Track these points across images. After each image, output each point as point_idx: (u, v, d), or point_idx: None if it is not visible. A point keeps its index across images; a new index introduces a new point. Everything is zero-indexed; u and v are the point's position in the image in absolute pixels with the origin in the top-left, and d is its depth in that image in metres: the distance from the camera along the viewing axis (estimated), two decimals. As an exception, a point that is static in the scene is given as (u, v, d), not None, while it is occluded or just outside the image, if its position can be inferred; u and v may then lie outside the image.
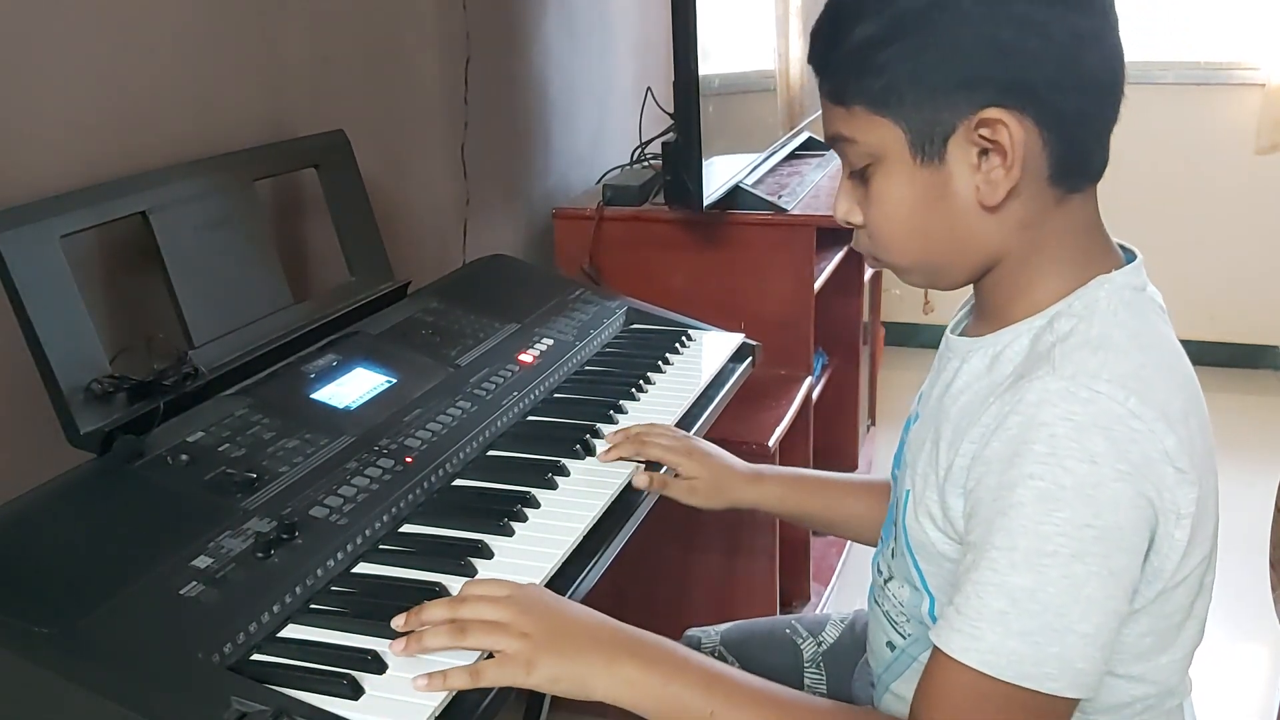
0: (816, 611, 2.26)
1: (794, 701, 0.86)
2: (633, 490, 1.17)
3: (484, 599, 0.86)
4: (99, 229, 1.11)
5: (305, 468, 1.05)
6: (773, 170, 2.41)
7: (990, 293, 0.88)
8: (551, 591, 0.92)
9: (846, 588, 2.44)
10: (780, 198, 2.13)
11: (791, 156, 2.57)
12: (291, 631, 0.88)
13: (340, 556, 0.96)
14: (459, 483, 1.14)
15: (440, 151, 1.89)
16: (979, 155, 0.81)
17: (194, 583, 0.86)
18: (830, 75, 0.85)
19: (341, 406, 1.17)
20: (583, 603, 0.93)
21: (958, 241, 0.85)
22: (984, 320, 0.90)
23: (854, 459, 2.79)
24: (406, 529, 1.05)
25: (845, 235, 2.22)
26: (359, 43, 1.66)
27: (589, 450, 1.21)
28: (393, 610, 0.86)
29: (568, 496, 1.12)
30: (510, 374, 1.33)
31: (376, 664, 0.83)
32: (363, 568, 0.98)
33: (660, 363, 1.47)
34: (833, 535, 1.61)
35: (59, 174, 1.14)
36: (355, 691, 0.80)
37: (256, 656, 0.84)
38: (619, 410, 1.32)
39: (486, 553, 1.00)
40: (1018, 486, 0.75)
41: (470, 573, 0.97)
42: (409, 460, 1.10)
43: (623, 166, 2.32)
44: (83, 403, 1.01)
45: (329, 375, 1.21)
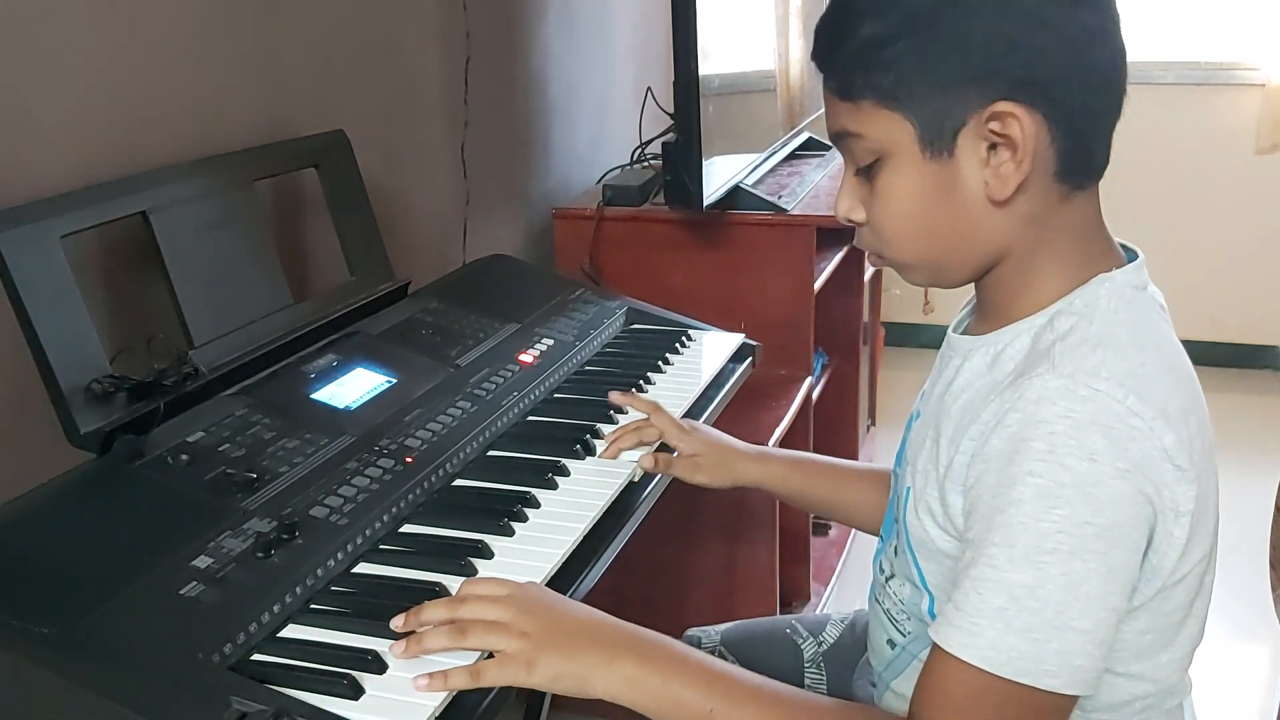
0: (816, 611, 2.26)
1: (794, 699, 0.86)
2: (633, 490, 1.17)
3: (483, 599, 0.86)
4: (99, 229, 1.11)
5: (305, 468, 1.05)
6: (773, 170, 2.41)
7: (992, 291, 0.89)
8: (551, 590, 0.92)
9: (846, 587, 2.44)
10: (780, 198, 2.13)
11: (791, 156, 2.58)
12: (292, 631, 0.88)
13: (340, 556, 0.96)
14: (459, 483, 1.14)
15: (440, 151, 1.89)
16: (988, 150, 0.81)
17: (194, 583, 0.86)
18: (838, 70, 0.85)
19: (341, 406, 1.17)
20: (583, 602, 0.93)
21: (964, 237, 0.85)
22: (985, 319, 0.90)
23: (854, 459, 2.79)
24: (407, 529, 1.05)
25: (845, 235, 2.23)
26: (359, 43, 1.66)
27: (589, 450, 1.21)
28: (393, 610, 0.86)
29: (568, 496, 1.12)
30: (510, 374, 1.33)
31: (376, 664, 0.83)
32: (363, 568, 0.98)
33: (660, 363, 1.47)
34: (835, 521, 1.61)
35: (59, 174, 1.14)
36: (355, 691, 0.80)
37: (257, 656, 0.84)
38: (619, 410, 1.32)
39: (486, 553, 1.00)
40: (1017, 484, 0.75)
41: (470, 573, 0.97)
42: (409, 460, 1.10)
43: (623, 166, 2.32)
44: (83, 403, 1.00)
45: (329, 375, 1.21)
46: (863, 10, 0.83)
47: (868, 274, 2.68)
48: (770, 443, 1.89)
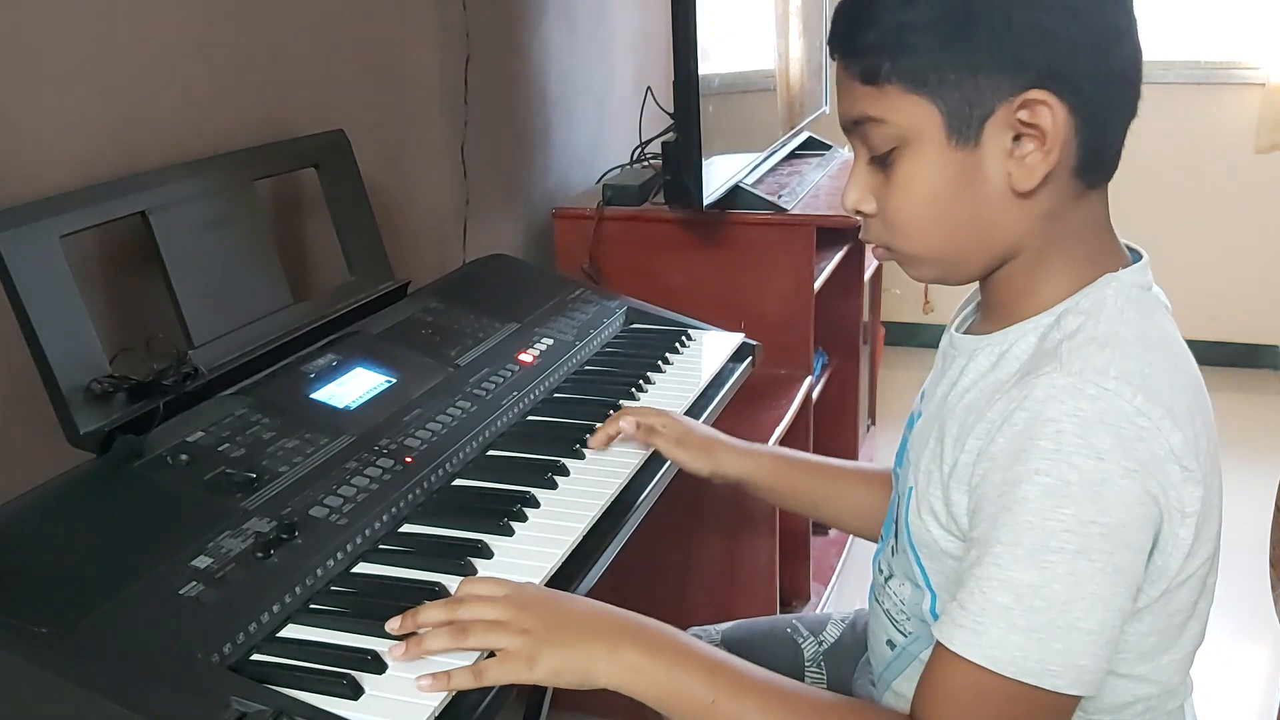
0: (817, 611, 2.26)
1: (796, 692, 0.86)
2: (633, 490, 1.17)
3: (482, 599, 0.86)
4: (99, 229, 1.11)
5: (305, 468, 1.05)
6: (773, 170, 2.41)
7: (999, 289, 0.88)
8: (549, 587, 0.92)
9: (847, 587, 2.44)
10: (780, 197, 2.12)
11: (791, 156, 2.57)
12: (291, 631, 0.88)
13: (340, 556, 0.96)
14: (459, 482, 1.14)
15: (440, 151, 1.89)
16: (1013, 140, 0.80)
17: (194, 583, 0.86)
18: (862, 53, 0.83)
19: (341, 406, 1.17)
20: (583, 600, 0.93)
21: (981, 229, 0.84)
22: (991, 318, 0.90)
23: (854, 459, 2.79)
24: (406, 529, 1.04)
25: (845, 235, 2.23)
26: (359, 43, 1.66)
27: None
28: (393, 610, 0.86)
29: (568, 496, 1.12)
30: (510, 374, 1.33)
31: (376, 664, 0.83)
32: (362, 568, 0.98)
33: (660, 362, 1.47)
34: (825, 523, 1.60)
35: (59, 174, 1.14)
36: (355, 691, 0.80)
37: (256, 656, 0.84)
38: (619, 410, 1.31)
39: (486, 553, 1.00)
40: (1023, 482, 0.75)
41: (470, 572, 0.96)
42: (409, 460, 1.10)
43: (623, 166, 2.32)
44: (82, 403, 1.00)
45: (329, 375, 1.21)
46: None
47: (868, 273, 2.68)
48: (770, 442, 1.89)
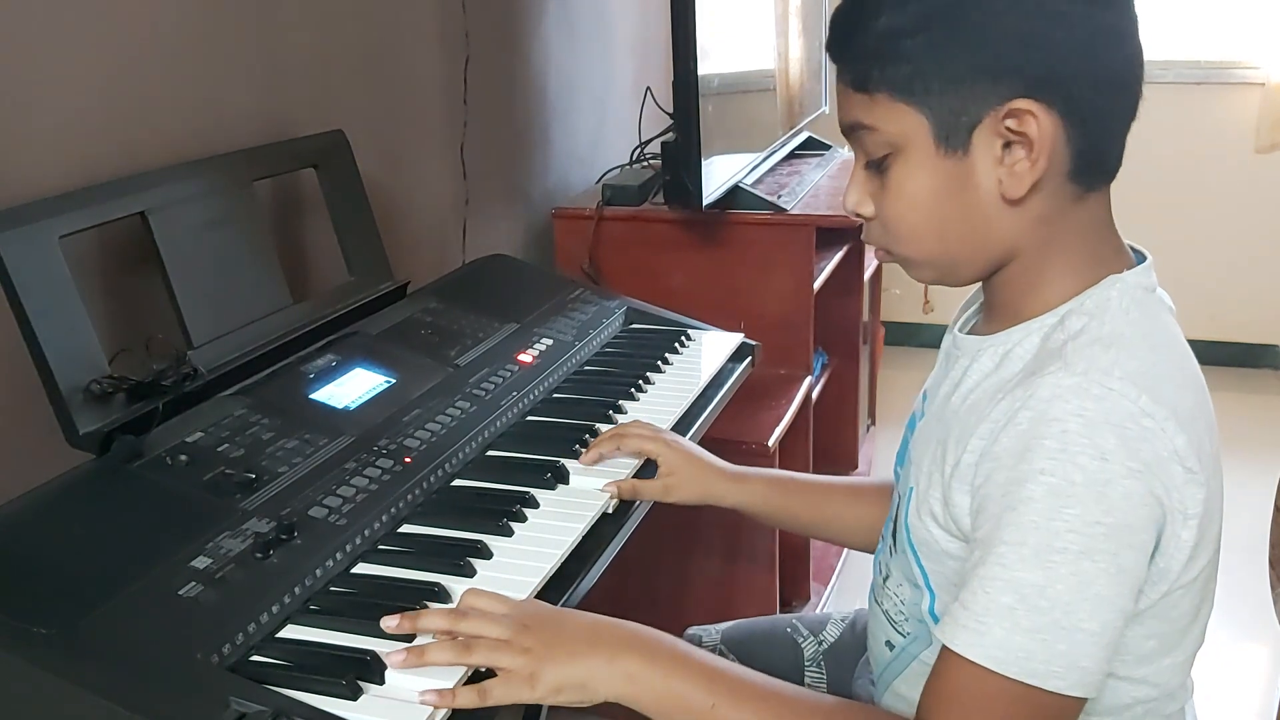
0: (817, 611, 2.26)
1: (796, 697, 0.86)
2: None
3: (485, 616, 0.85)
4: (98, 229, 1.11)
5: (304, 468, 1.05)
6: (772, 170, 2.41)
7: (1001, 290, 0.88)
8: (549, 604, 0.92)
9: (846, 588, 2.44)
10: (780, 197, 2.12)
11: (791, 156, 2.57)
12: (290, 632, 0.88)
13: (339, 557, 0.96)
14: (458, 483, 1.14)
15: (440, 151, 1.89)
16: (1003, 147, 0.80)
17: (193, 583, 0.86)
18: (853, 61, 0.84)
19: (340, 406, 1.17)
20: (582, 604, 0.93)
21: (975, 235, 0.84)
22: (994, 318, 0.90)
23: (854, 459, 2.79)
24: (406, 529, 1.04)
25: (845, 235, 2.23)
26: (359, 43, 1.66)
27: (588, 450, 1.21)
28: (392, 611, 0.86)
29: (567, 497, 1.12)
30: (509, 374, 1.33)
31: (375, 664, 0.82)
32: (362, 568, 0.98)
33: (660, 362, 1.47)
34: (820, 539, 1.61)
35: (59, 174, 1.14)
36: (354, 692, 0.80)
37: (255, 657, 0.84)
38: (618, 410, 1.32)
39: (485, 553, 1.00)
40: (1028, 482, 0.75)
41: (469, 573, 0.96)
42: (408, 460, 1.10)
43: (622, 166, 2.32)
44: (82, 403, 1.00)
45: (328, 375, 1.21)
46: (881, 1, 0.82)
47: (867, 273, 2.68)
48: (770, 442, 1.89)
